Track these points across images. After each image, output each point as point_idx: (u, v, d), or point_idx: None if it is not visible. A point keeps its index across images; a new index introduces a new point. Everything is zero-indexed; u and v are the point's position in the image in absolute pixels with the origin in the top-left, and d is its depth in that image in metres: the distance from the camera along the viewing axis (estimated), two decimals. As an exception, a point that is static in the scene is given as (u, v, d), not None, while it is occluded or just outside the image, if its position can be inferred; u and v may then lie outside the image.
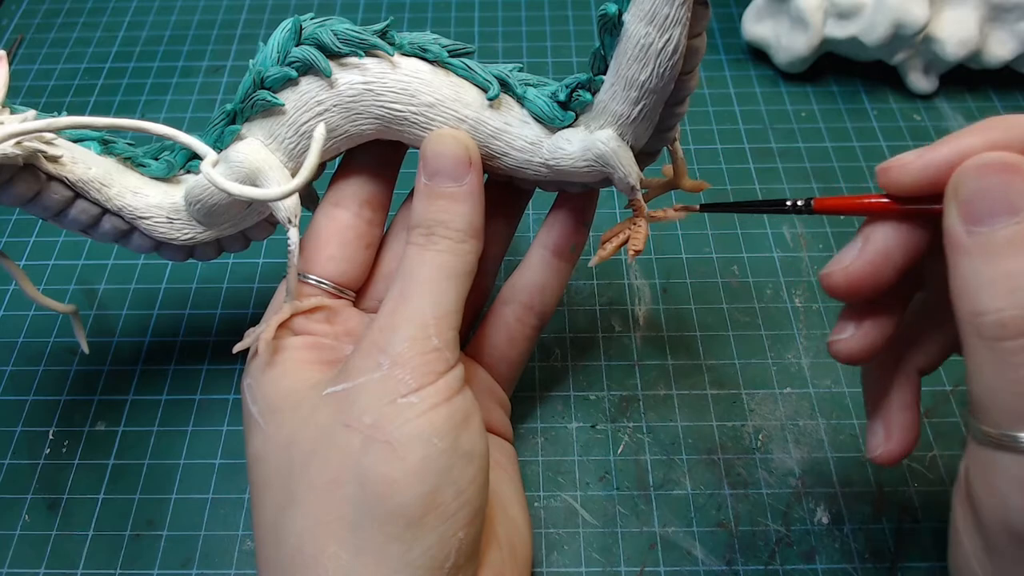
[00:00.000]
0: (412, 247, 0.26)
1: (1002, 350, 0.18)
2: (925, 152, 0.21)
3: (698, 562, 0.31)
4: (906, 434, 0.26)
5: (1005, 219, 0.19)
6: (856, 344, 0.25)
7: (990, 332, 0.19)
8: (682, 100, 0.26)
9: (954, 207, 0.20)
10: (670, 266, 0.41)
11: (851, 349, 0.25)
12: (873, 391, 0.27)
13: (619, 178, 0.27)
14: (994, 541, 0.20)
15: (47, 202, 0.27)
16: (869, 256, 0.23)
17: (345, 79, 0.27)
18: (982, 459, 0.20)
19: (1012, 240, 0.19)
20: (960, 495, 0.22)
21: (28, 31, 0.54)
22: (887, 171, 0.22)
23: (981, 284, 0.19)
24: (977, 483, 0.20)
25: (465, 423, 0.24)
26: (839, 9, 0.45)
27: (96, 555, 0.32)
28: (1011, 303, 0.18)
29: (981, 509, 0.20)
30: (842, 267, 0.23)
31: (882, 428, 0.26)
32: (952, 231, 0.20)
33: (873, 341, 0.25)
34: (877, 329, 0.25)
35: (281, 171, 0.27)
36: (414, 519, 0.23)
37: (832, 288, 0.24)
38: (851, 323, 0.25)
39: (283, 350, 0.27)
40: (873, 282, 0.23)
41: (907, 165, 0.22)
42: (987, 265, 0.19)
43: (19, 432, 0.35)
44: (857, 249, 0.23)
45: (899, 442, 0.25)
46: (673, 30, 0.23)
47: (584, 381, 0.37)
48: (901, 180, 0.22)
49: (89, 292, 0.40)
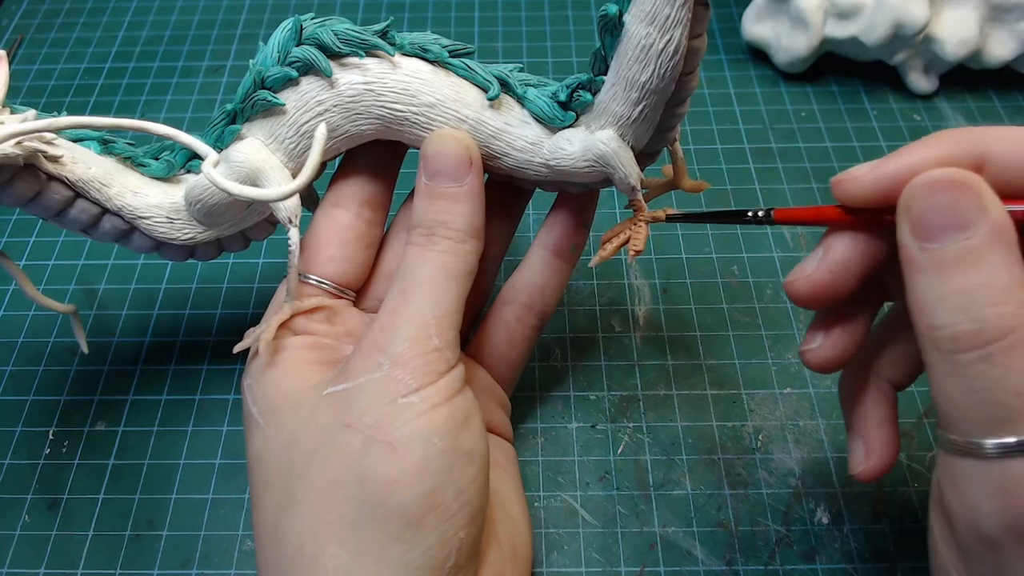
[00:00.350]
0: (412, 247, 0.26)
1: (958, 362, 0.19)
2: (877, 165, 0.22)
3: (698, 562, 0.31)
4: (885, 450, 0.26)
5: (954, 235, 0.19)
6: (825, 353, 0.25)
7: (946, 345, 0.19)
8: (683, 100, 0.26)
9: (906, 224, 0.20)
10: (670, 266, 0.41)
11: (821, 358, 0.25)
12: (850, 407, 0.27)
13: (620, 178, 0.27)
14: (967, 547, 0.20)
15: (47, 202, 0.27)
16: (829, 265, 0.23)
17: (346, 79, 0.27)
18: (951, 468, 0.20)
19: (961, 256, 0.19)
20: (935, 505, 0.22)
21: (28, 31, 0.54)
22: (840, 183, 0.23)
23: (935, 299, 0.19)
24: (948, 492, 0.21)
25: (465, 423, 0.24)
26: (839, 9, 0.45)
27: (96, 555, 0.32)
28: (964, 317, 0.19)
29: (953, 517, 0.20)
30: (805, 275, 0.24)
31: (862, 444, 0.26)
32: (905, 247, 0.20)
33: (842, 350, 0.25)
34: (846, 338, 0.25)
35: (282, 171, 0.27)
36: (414, 519, 0.23)
37: (795, 296, 0.24)
38: (820, 333, 0.26)
39: (283, 350, 0.27)
40: (835, 290, 0.24)
41: (859, 178, 0.22)
42: (939, 281, 0.19)
43: (19, 432, 0.35)
44: (818, 258, 0.24)
45: (879, 458, 0.26)
46: (674, 31, 0.23)
47: (584, 381, 0.37)
48: (853, 192, 0.22)
49: (89, 292, 0.40)
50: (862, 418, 0.26)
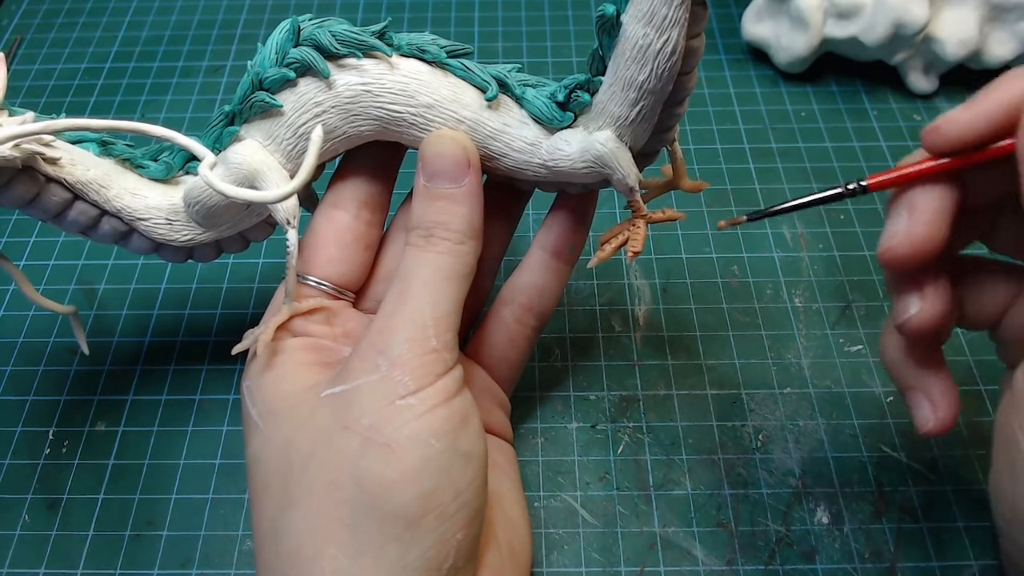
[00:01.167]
0: (411, 248, 0.26)
1: None
2: (969, 105, 0.23)
3: (698, 562, 0.31)
4: (951, 400, 0.26)
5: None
6: (928, 314, 0.25)
7: None
8: (681, 101, 0.26)
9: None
10: (670, 266, 0.41)
11: (924, 320, 0.25)
12: (904, 365, 0.27)
13: (617, 179, 0.27)
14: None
15: (46, 204, 0.27)
16: (922, 218, 0.23)
17: (343, 80, 0.27)
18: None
19: None
20: (1016, 401, 0.22)
21: (28, 31, 0.54)
22: (936, 129, 0.23)
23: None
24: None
25: (463, 424, 0.24)
26: (839, 9, 0.45)
27: (96, 555, 0.32)
28: None
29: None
30: (903, 235, 0.24)
31: (925, 400, 0.26)
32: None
33: (942, 306, 0.25)
34: (940, 292, 0.25)
35: (279, 172, 0.27)
36: (412, 520, 0.23)
37: (897, 258, 0.24)
38: (914, 297, 0.25)
39: (282, 352, 0.27)
40: (934, 242, 0.23)
41: (957, 119, 0.23)
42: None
43: (19, 432, 0.35)
44: (906, 217, 0.24)
45: (945, 409, 0.25)
46: (671, 31, 0.23)
47: (584, 381, 0.37)
48: (952, 134, 0.23)
49: (89, 292, 0.40)
50: (918, 374, 0.26)
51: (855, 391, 0.36)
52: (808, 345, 0.37)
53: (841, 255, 0.41)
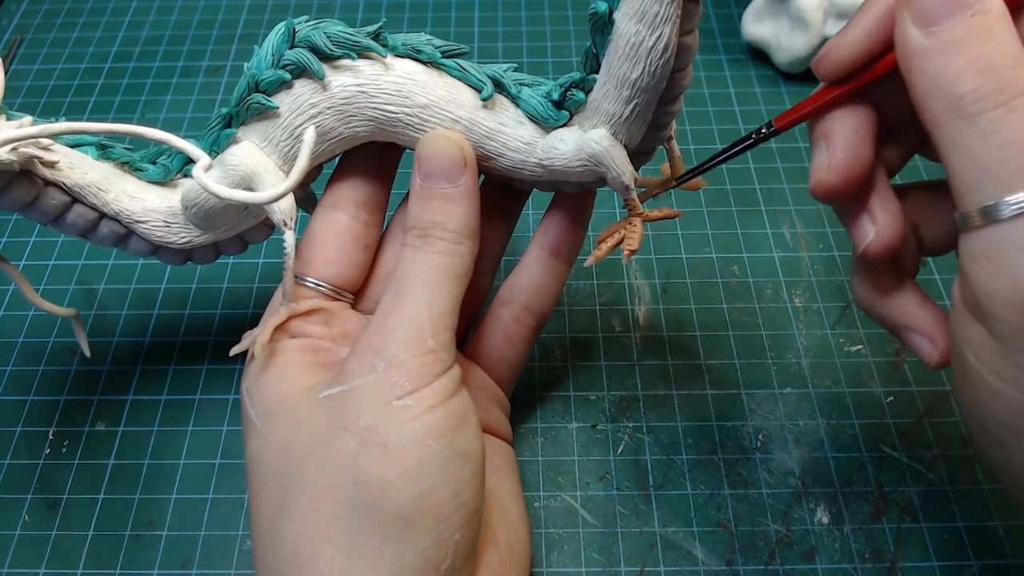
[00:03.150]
0: (408, 249, 0.26)
1: (985, 121, 0.20)
2: (844, 31, 0.23)
3: (698, 562, 0.31)
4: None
5: (960, 14, 0.20)
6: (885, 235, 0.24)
7: (972, 108, 0.20)
8: (675, 98, 0.26)
9: (907, 17, 0.21)
10: (670, 266, 0.41)
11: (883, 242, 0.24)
12: (888, 310, 0.26)
13: (613, 177, 0.27)
14: (1010, 333, 0.20)
15: (45, 207, 0.27)
16: (842, 141, 0.24)
17: (338, 81, 0.27)
18: (982, 246, 0.20)
19: (972, 31, 0.20)
20: (959, 320, 0.22)
21: (28, 31, 0.54)
22: (823, 57, 0.24)
23: (954, 72, 0.20)
24: (980, 276, 0.20)
25: (461, 424, 0.24)
26: (839, 9, 0.45)
27: (96, 555, 0.32)
28: (985, 79, 0.20)
29: (990, 301, 0.20)
30: (825, 167, 0.24)
31: (922, 337, 0.26)
32: (910, 40, 0.21)
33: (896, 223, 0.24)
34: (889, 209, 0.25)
35: (276, 174, 0.27)
36: (410, 521, 0.23)
37: (827, 188, 0.24)
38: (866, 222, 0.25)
39: (280, 353, 0.27)
40: (859, 164, 0.24)
41: (838, 44, 0.23)
42: (955, 56, 0.20)
43: (19, 432, 0.35)
44: (826, 147, 0.24)
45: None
46: (663, 27, 0.23)
47: (584, 381, 0.37)
48: (838, 57, 0.23)
49: (89, 292, 0.40)
50: (906, 313, 0.26)
51: (855, 391, 0.36)
52: (808, 345, 0.37)
53: (841, 255, 0.41)
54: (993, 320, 0.20)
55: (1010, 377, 0.20)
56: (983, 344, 0.21)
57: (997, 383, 0.21)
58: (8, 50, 0.52)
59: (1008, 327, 0.20)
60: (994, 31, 0.20)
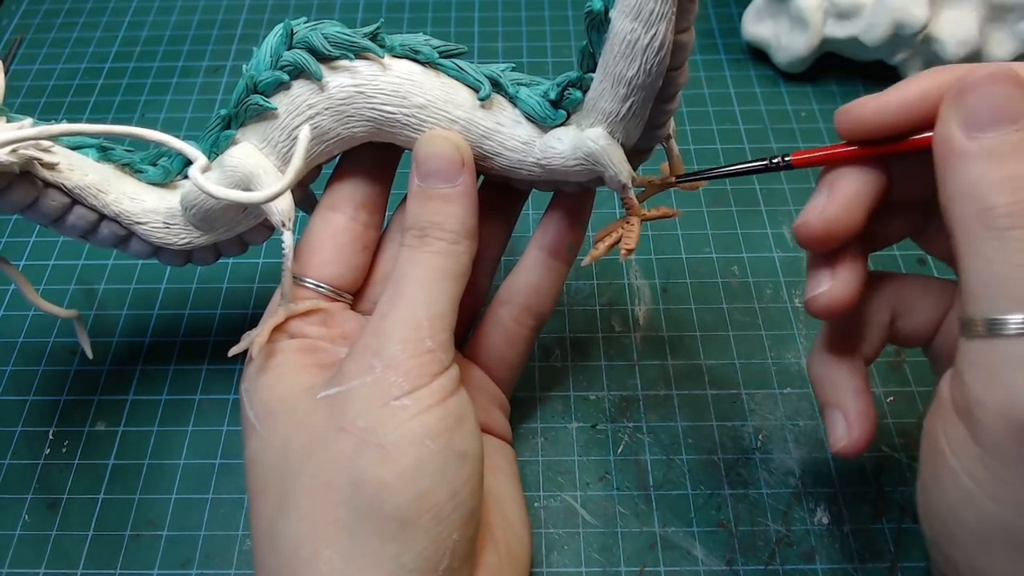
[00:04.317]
0: (406, 249, 0.26)
1: (1011, 238, 0.20)
2: (881, 95, 0.23)
3: (698, 562, 0.31)
4: (866, 422, 0.26)
5: (1008, 126, 0.20)
6: (836, 295, 0.25)
7: (1001, 223, 0.20)
8: (672, 96, 0.26)
9: (954, 116, 0.21)
10: (670, 266, 0.41)
11: (831, 300, 0.25)
12: (825, 381, 0.27)
13: (610, 176, 0.27)
14: (995, 442, 0.20)
15: (45, 209, 0.27)
16: (839, 199, 0.24)
17: (336, 82, 0.27)
18: (982, 356, 0.20)
19: (1016, 146, 0.20)
20: (942, 416, 0.22)
21: (28, 31, 0.54)
22: (848, 111, 0.24)
23: (990, 183, 0.20)
24: (976, 384, 0.20)
25: (459, 424, 0.24)
26: (839, 9, 0.45)
27: (96, 555, 0.32)
28: (1018, 198, 0.20)
29: (982, 410, 0.20)
30: (817, 212, 0.24)
31: (841, 417, 0.26)
32: (953, 139, 0.21)
33: (851, 290, 0.25)
34: (852, 277, 0.25)
35: (275, 175, 0.27)
36: (408, 521, 0.23)
37: (809, 235, 0.24)
38: (825, 275, 0.25)
39: (279, 353, 0.27)
40: (846, 226, 0.24)
41: (866, 105, 0.23)
42: (995, 167, 0.20)
43: (19, 432, 0.35)
44: (825, 196, 0.24)
45: (861, 430, 0.26)
46: (659, 25, 0.23)
47: (584, 381, 0.37)
48: (863, 117, 0.23)
49: (89, 292, 0.40)
50: (839, 391, 0.26)
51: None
52: (808, 345, 0.37)
53: (841, 255, 0.41)
54: (980, 427, 0.20)
55: (985, 483, 0.20)
56: (964, 445, 0.21)
57: (971, 486, 0.21)
58: (8, 50, 0.52)
59: (994, 438, 0.20)
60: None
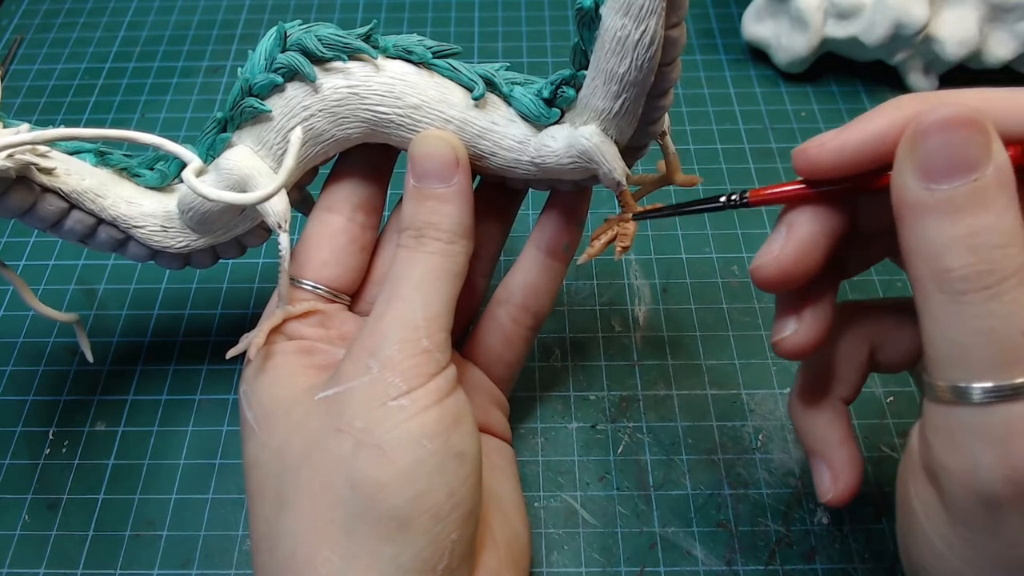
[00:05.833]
0: (402, 249, 0.26)
1: (966, 303, 0.19)
2: (840, 132, 0.22)
3: (698, 562, 0.31)
4: (851, 471, 0.26)
5: (965, 176, 0.19)
6: (801, 338, 0.24)
7: (956, 287, 0.19)
8: (664, 92, 0.26)
9: (910, 165, 0.20)
10: (670, 266, 0.41)
11: (798, 343, 0.25)
12: (807, 431, 0.27)
13: (604, 174, 0.27)
14: (960, 508, 0.19)
15: (42, 213, 0.27)
16: (796, 242, 0.23)
17: (330, 84, 0.27)
18: (945, 421, 0.20)
19: (972, 198, 0.19)
20: (912, 471, 0.21)
21: (28, 31, 0.54)
22: (804, 151, 0.22)
23: (945, 242, 0.19)
24: (942, 447, 0.20)
25: (456, 424, 0.24)
26: (839, 9, 0.45)
27: (96, 555, 0.32)
28: (975, 259, 0.19)
29: (946, 475, 0.20)
30: (772, 256, 0.23)
31: (826, 469, 0.26)
32: (908, 190, 0.20)
33: (818, 331, 0.24)
34: (819, 319, 0.24)
35: (270, 177, 0.27)
36: (406, 521, 0.23)
37: (765, 279, 0.23)
38: (790, 319, 0.25)
39: (277, 355, 0.27)
40: (803, 268, 0.23)
41: (824, 145, 0.22)
42: (950, 223, 0.19)
43: (19, 432, 0.35)
44: (782, 238, 0.23)
45: (846, 480, 0.26)
46: (649, 20, 0.23)
47: (584, 381, 0.37)
48: (819, 159, 0.22)
49: (89, 292, 0.40)
50: (822, 441, 0.26)
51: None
52: (808, 345, 0.37)
53: (841, 255, 0.41)
54: (947, 494, 0.20)
55: (954, 545, 0.20)
56: (934, 507, 0.20)
57: (941, 546, 0.20)
58: (8, 50, 0.52)
59: (959, 503, 0.20)
60: (994, 201, 0.19)
